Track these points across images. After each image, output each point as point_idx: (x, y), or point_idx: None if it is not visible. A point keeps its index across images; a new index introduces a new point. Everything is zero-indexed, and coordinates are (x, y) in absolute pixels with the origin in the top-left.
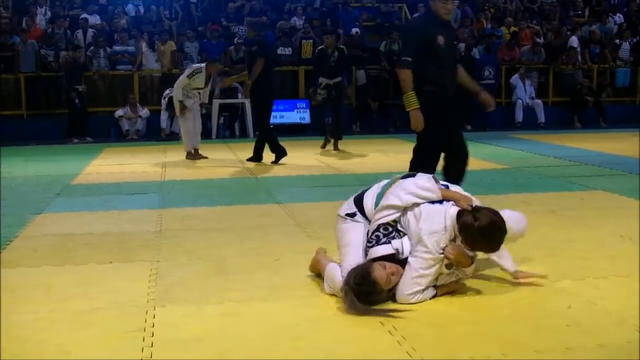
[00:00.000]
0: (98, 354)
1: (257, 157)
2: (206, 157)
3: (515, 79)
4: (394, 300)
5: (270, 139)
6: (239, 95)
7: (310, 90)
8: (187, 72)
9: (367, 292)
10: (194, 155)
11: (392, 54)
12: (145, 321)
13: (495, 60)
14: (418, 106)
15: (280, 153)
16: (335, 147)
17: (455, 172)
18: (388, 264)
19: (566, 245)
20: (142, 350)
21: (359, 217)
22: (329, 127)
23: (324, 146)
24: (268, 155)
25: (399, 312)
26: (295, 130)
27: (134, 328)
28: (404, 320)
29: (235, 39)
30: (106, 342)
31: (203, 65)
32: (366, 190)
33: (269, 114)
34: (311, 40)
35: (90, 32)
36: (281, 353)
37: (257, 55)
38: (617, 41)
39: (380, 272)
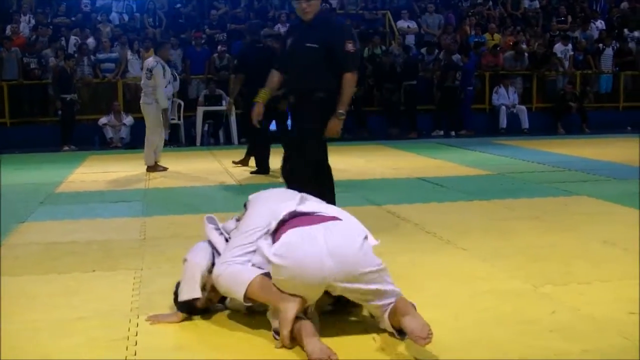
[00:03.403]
0: None
1: (263, 169)
2: (166, 168)
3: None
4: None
5: (263, 154)
6: (223, 102)
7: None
8: (156, 73)
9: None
10: (155, 167)
11: (374, 57)
12: (129, 330)
13: (473, 66)
14: (257, 100)
15: (262, 170)
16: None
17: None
18: None
19: (550, 250)
20: (126, 359)
21: None
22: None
23: None
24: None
25: None
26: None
27: (118, 337)
28: None
29: (219, 46)
30: (90, 350)
31: (156, 60)
32: None
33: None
34: None
35: (72, 39)
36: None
37: (236, 72)
38: (600, 46)
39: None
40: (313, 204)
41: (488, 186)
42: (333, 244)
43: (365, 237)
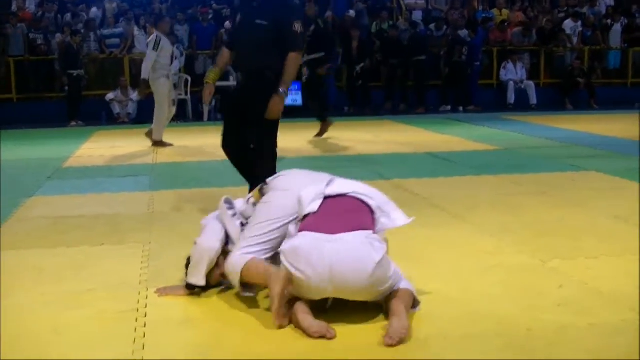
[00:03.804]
0: (91, 334)
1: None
2: (171, 145)
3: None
4: None
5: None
6: (231, 78)
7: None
8: (149, 47)
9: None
10: (161, 143)
11: (382, 32)
12: (138, 302)
13: (481, 42)
14: (208, 81)
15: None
16: (319, 133)
17: (250, 171)
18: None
19: (557, 225)
20: (135, 330)
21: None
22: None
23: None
24: None
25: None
26: (288, 113)
27: (127, 309)
28: None
29: (226, 21)
30: (99, 322)
31: (155, 33)
32: None
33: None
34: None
35: (80, 15)
36: (275, 333)
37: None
38: (609, 21)
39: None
40: (342, 183)
41: (496, 161)
42: (338, 271)
43: (381, 258)
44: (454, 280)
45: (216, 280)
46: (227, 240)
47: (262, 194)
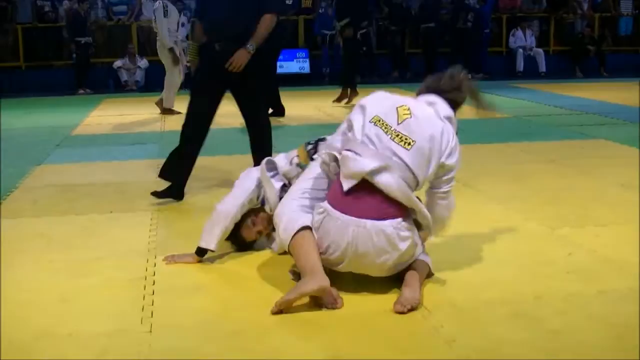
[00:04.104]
0: (99, 302)
1: (279, 112)
2: (180, 112)
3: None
4: None
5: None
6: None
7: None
8: (158, 15)
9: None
10: (171, 110)
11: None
12: (147, 269)
13: (490, 9)
14: (193, 58)
15: (278, 113)
16: (340, 98)
17: (257, 147)
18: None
19: (566, 193)
20: (144, 298)
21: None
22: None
23: (339, 99)
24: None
25: None
26: (295, 80)
27: (135, 276)
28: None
29: None
30: (107, 290)
31: (161, 1)
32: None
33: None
34: None
35: None
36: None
37: None
38: None
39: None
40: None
41: (504, 129)
42: (358, 255)
43: (406, 247)
44: (462, 248)
45: (251, 237)
46: (263, 201)
47: (310, 154)
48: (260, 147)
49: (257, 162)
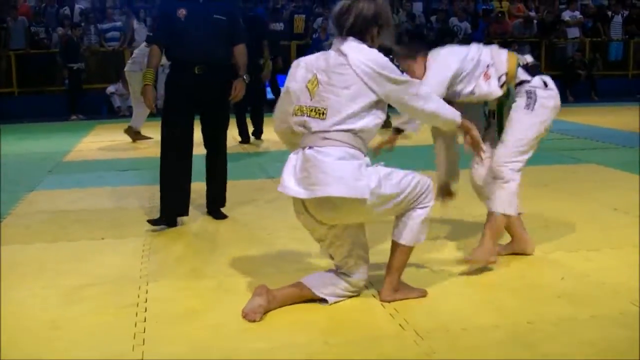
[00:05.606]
0: (91, 329)
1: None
2: (151, 138)
3: None
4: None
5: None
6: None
7: None
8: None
9: None
10: (139, 135)
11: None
12: (139, 296)
13: (481, 35)
14: (149, 83)
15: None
16: None
17: (211, 175)
18: None
19: (559, 217)
20: (136, 325)
21: None
22: None
23: None
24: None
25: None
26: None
27: (127, 303)
28: None
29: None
30: (99, 317)
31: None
32: None
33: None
34: (303, 15)
35: (77, 8)
36: (276, 326)
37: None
38: (609, 13)
39: None
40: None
41: None
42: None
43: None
44: (454, 272)
45: None
46: None
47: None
48: (214, 175)
49: (211, 191)
